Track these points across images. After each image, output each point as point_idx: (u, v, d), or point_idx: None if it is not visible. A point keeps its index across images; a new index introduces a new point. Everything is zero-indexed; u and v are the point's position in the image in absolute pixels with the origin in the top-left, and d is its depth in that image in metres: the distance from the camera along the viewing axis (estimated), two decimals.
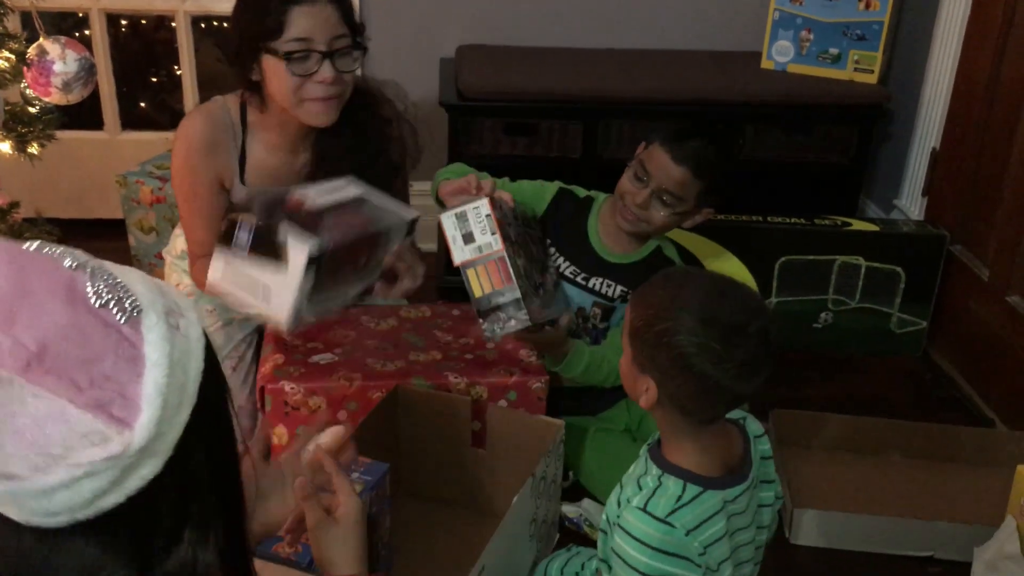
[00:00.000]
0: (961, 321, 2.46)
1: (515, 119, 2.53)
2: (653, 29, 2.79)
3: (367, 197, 1.60)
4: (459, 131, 2.52)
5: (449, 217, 1.68)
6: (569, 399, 1.96)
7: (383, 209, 1.60)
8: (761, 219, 2.46)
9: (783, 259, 2.45)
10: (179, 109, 2.92)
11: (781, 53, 2.67)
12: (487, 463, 1.80)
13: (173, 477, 0.71)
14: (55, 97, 1.96)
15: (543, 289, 1.82)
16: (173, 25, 2.84)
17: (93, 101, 2.63)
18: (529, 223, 1.88)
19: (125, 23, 2.96)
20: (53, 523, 0.69)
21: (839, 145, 2.64)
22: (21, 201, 2.09)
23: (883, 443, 2.10)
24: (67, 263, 0.70)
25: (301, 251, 1.37)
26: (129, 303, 0.69)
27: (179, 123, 1.81)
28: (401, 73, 2.77)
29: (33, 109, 2.04)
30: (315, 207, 1.48)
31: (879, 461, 2.09)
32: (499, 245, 1.69)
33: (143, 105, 3.09)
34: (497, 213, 1.67)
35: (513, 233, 1.73)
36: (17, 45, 1.94)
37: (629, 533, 1.22)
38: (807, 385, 2.37)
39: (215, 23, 2.88)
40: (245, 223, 1.41)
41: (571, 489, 1.93)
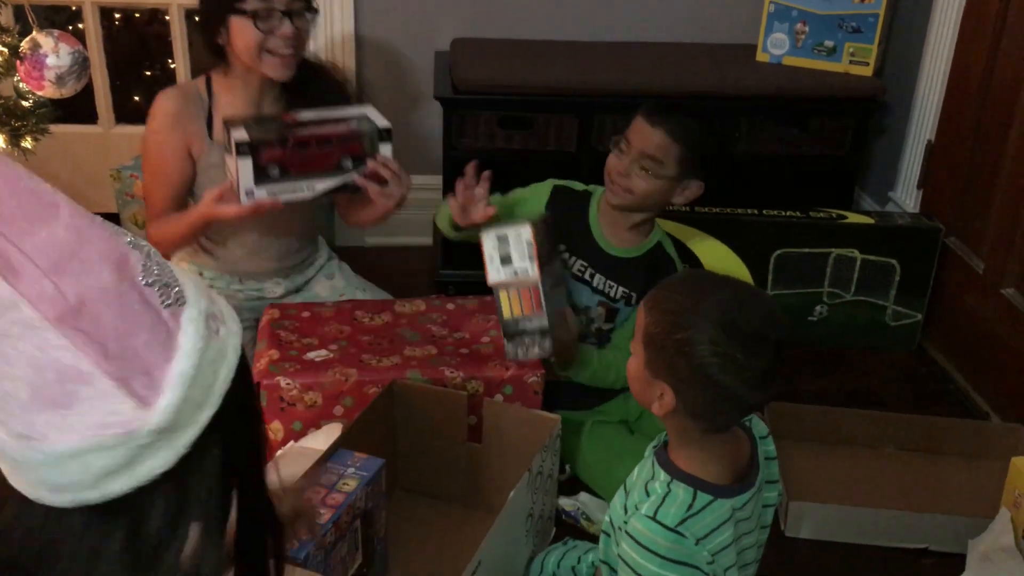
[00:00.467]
0: (956, 314, 2.46)
1: (510, 112, 2.52)
2: (648, 22, 2.78)
3: (351, 112, 1.91)
4: (454, 124, 2.51)
5: (490, 236, 1.71)
6: (566, 392, 1.96)
7: (360, 118, 1.89)
8: (756, 212, 2.46)
9: (778, 252, 2.45)
10: None
11: (776, 46, 2.67)
12: (483, 458, 1.80)
13: (184, 477, 0.71)
14: (48, 91, 1.95)
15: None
16: (167, 18, 2.83)
17: (87, 95, 2.62)
18: (554, 240, 1.89)
19: (118, 16, 2.95)
20: (59, 501, 0.70)
21: (834, 138, 2.63)
22: None
23: (878, 436, 2.11)
24: (126, 239, 0.72)
25: (237, 138, 1.76)
26: (175, 292, 0.71)
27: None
28: (396, 66, 2.77)
29: (26, 103, 2.03)
30: (303, 119, 1.86)
31: (874, 454, 2.09)
32: (535, 272, 1.72)
33: (137, 99, 3.07)
34: (538, 239, 1.70)
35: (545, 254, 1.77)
36: (10, 38, 1.93)
37: (637, 541, 1.21)
38: (802, 378, 2.37)
39: None
40: (233, 126, 1.79)
41: (568, 482, 1.94)
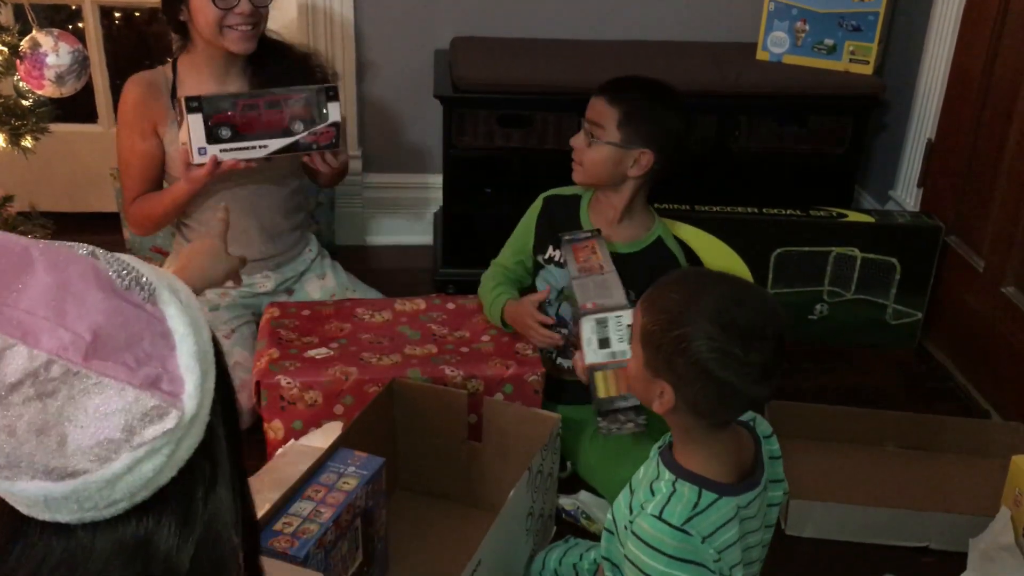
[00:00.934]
0: (956, 312, 2.46)
1: (510, 111, 2.52)
2: (648, 20, 2.78)
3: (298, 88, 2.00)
4: (454, 123, 2.51)
5: (589, 321, 1.73)
6: (569, 389, 1.96)
7: (306, 87, 1.98)
8: (756, 210, 2.46)
9: (778, 251, 2.45)
10: None
11: (776, 44, 2.67)
12: (483, 456, 1.80)
13: (208, 440, 0.73)
14: (48, 90, 1.95)
15: None
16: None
17: (87, 94, 2.62)
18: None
19: (118, 15, 2.94)
20: (110, 513, 0.70)
21: (834, 136, 2.63)
22: (15, 195, 2.08)
23: (878, 434, 2.11)
24: (81, 252, 0.71)
25: (187, 96, 1.89)
26: (144, 283, 0.71)
27: None
28: (396, 65, 2.77)
29: (26, 102, 2.03)
30: (255, 92, 1.98)
31: (874, 452, 2.09)
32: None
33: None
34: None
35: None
36: (10, 38, 1.93)
37: (644, 540, 1.21)
38: (802, 376, 2.37)
39: None
40: (186, 98, 1.90)
41: (568, 481, 1.94)
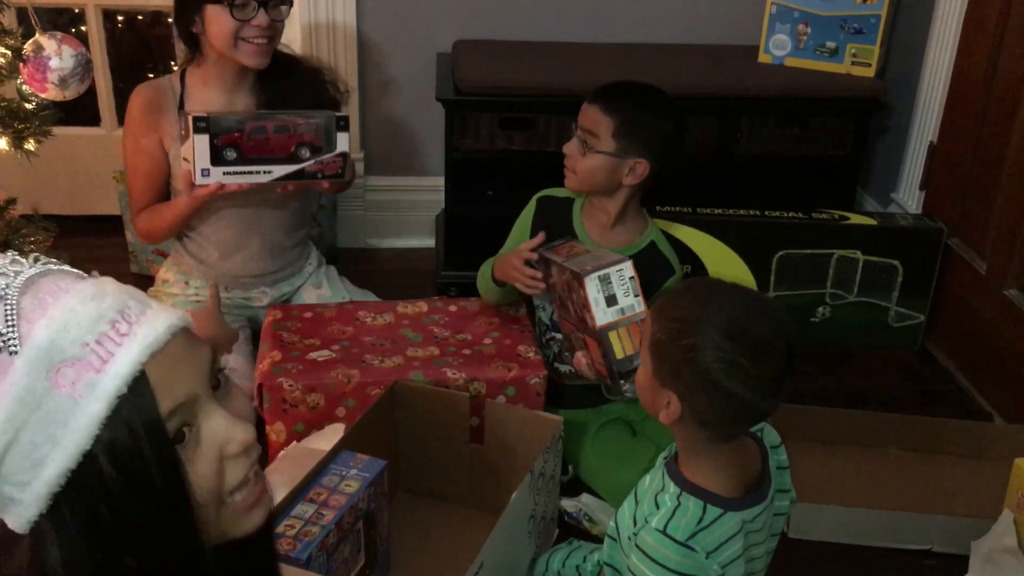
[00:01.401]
0: (959, 315, 2.46)
1: (512, 114, 2.52)
2: (650, 23, 2.78)
3: (307, 111, 1.97)
4: (456, 126, 2.51)
5: (592, 279, 1.69)
6: (570, 392, 1.96)
7: (317, 112, 1.97)
8: (758, 213, 2.46)
9: (781, 253, 2.45)
10: None
11: (778, 47, 2.67)
12: (485, 459, 1.80)
13: (59, 525, 0.70)
14: (51, 93, 1.96)
15: None
16: (169, 21, 2.83)
17: (89, 97, 2.63)
18: None
19: (121, 19, 2.95)
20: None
21: (836, 139, 2.63)
22: (18, 198, 2.08)
23: (880, 437, 2.10)
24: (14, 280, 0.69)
25: (195, 115, 1.85)
26: (6, 340, 0.67)
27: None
28: (398, 68, 2.77)
29: (29, 105, 2.03)
30: (263, 112, 1.95)
31: (876, 455, 2.09)
32: (642, 307, 1.71)
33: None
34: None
35: None
36: (13, 41, 1.93)
37: (648, 555, 1.20)
38: (805, 379, 2.37)
39: None
40: (192, 113, 1.88)
41: (570, 484, 1.94)
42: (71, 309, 0.68)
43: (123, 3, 2.81)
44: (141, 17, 2.98)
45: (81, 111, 2.74)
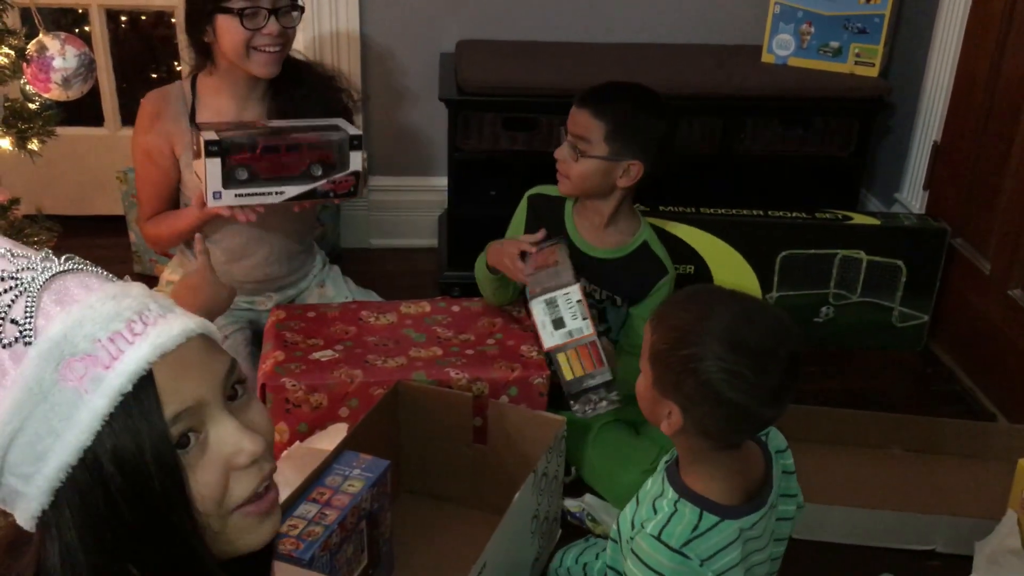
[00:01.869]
0: (962, 315, 2.45)
1: (515, 114, 2.52)
2: (653, 23, 2.78)
3: (323, 121, 1.94)
4: (459, 126, 2.51)
5: (539, 303, 1.71)
6: None
7: (331, 126, 1.92)
8: (762, 213, 2.46)
9: (784, 253, 2.45)
10: None
11: (782, 47, 2.66)
12: (488, 459, 1.80)
13: (60, 523, 0.70)
14: (55, 93, 1.96)
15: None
16: (172, 21, 2.84)
17: (93, 97, 2.63)
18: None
19: (124, 19, 2.95)
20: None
21: (840, 139, 2.63)
22: (21, 198, 2.08)
23: (884, 437, 2.10)
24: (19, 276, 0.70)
25: (207, 137, 1.80)
26: (24, 329, 0.68)
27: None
28: (401, 68, 2.77)
29: (33, 105, 2.03)
30: (274, 126, 1.91)
31: (880, 455, 2.09)
32: (590, 330, 1.72)
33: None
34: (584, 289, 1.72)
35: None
36: (16, 41, 1.93)
37: (642, 560, 1.20)
38: (808, 379, 2.36)
39: None
40: (203, 128, 1.85)
41: (573, 484, 1.94)
42: (90, 306, 0.69)
43: (127, 3, 2.82)
44: (144, 17, 2.98)
45: (84, 111, 2.74)
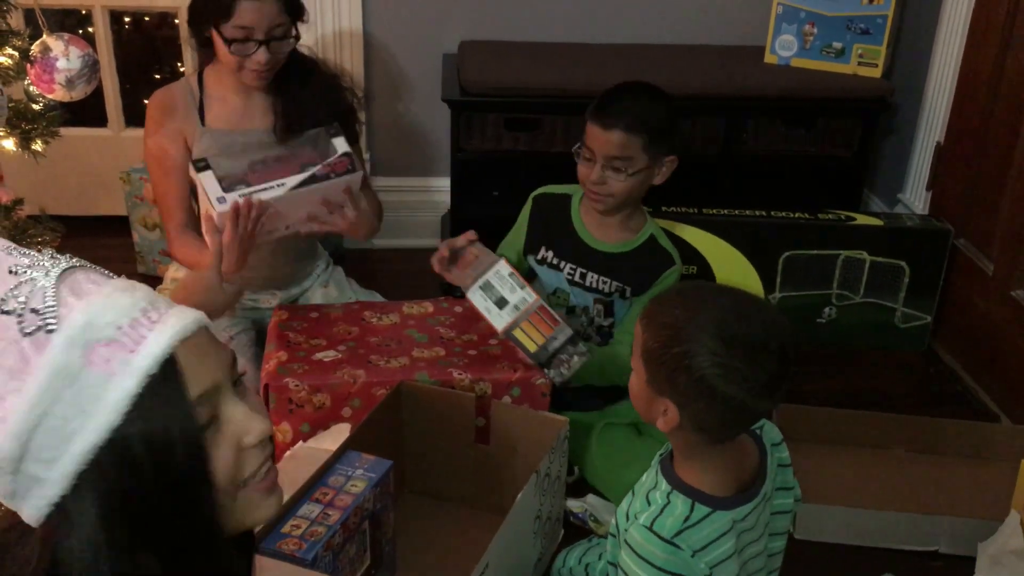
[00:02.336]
0: (965, 316, 2.45)
1: (517, 114, 2.52)
2: (656, 24, 2.78)
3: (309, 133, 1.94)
4: (461, 126, 2.51)
5: (475, 292, 1.72)
6: (576, 394, 1.96)
7: (306, 135, 1.93)
8: (764, 214, 2.45)
9: (787, 254, 2.45)
10: None
11: (784, 47, 2.66)
12: (491, 460, 1.80)
13: (80, 509, 0.71)
14: (58, 94, 1.96)
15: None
16: (176, 22, 2.84)
17: (97, 98, 2.63)
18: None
19: (128, 20, 2.95)
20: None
21: (843, 139, 2.63)
22: (25, 198, 2.09)
23: (887, 438, 2.10)
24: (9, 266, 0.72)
25: (195, 155, 1.87)
26: (46, 318, 0.70)
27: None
28: (404, 69, 2.78)
29: (37, 106, 2.03)
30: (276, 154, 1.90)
31: (883, 456, 2.09)
32: (532, 296, 1.73)
33: (146, 102, 3.08)
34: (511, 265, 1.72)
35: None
36: (20, 42, 1.94)
37: (634, 550, 1.21)
38: (811, 380, 2.37)
39: None
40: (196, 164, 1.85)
41: (576, 484, 1.94)
42: (107, 295, 0.73)
43: (130, 4, 2.82)
44: (148, 18, 2.98)
45: (88, 112, 2.75)
